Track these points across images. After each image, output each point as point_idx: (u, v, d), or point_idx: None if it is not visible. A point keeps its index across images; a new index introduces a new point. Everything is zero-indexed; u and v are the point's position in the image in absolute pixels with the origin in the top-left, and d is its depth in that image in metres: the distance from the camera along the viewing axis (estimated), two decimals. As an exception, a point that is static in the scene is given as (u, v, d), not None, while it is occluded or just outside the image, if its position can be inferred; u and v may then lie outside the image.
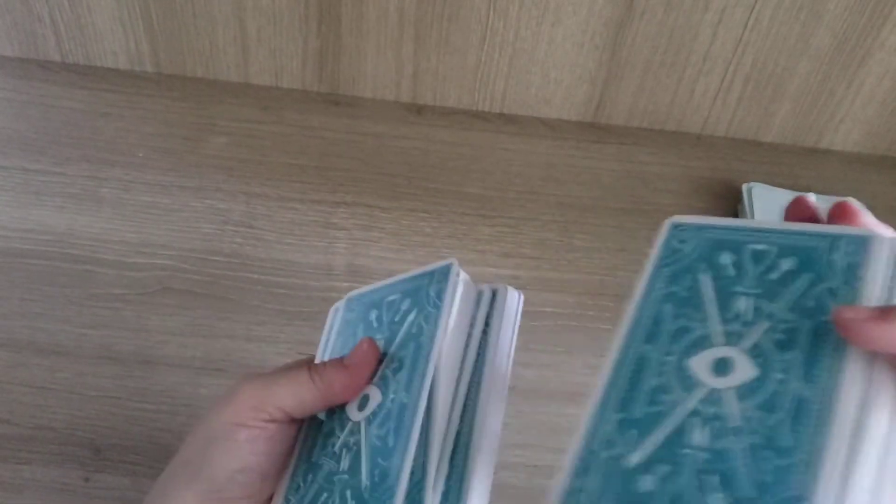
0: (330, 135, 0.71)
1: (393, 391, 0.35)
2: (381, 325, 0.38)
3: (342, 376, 0.35)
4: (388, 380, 0.35)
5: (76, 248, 0.60)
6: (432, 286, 0.37)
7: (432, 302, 0.36)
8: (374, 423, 0.34)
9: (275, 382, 0.35)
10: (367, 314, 0.39)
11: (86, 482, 0.49)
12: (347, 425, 0.35)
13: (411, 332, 0.36)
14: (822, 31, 0.67)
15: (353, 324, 0.40)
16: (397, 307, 0.38)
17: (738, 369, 0.29)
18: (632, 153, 0.73)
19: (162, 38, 0.70)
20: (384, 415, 0.34)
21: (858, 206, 0.33)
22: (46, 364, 0.54)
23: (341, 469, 0.34)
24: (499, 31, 0.68)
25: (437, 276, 0.37)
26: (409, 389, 0.34)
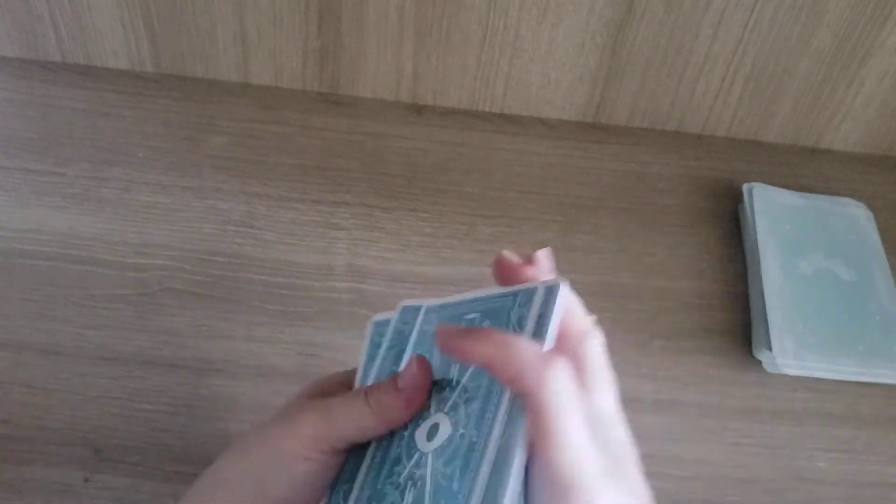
0: (330, 135, 0.71)
1: (463, 425, 0.32)
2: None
3: (397, 401, 0.34)
4: (460, 411, 0.33)
5: (76, 248, 0.60)
6: (514, 310, 0.34)
7: (512, 327, 0.33)
8: (441, 459, 0.32)
9: (334, 413, 0.34)
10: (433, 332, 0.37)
11: (86, 482, 0.49)
12: (415, 455, 0.33)
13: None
14: (822, 30, 0.67)
15: (430, 337, 0.37)
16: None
17: (441, 431, 0.33)
18: (632, 153, 0.73)
19: (162, 38, 0.70)
20: (452, 450, 0.32)
21: (512, 256, 0.37)
22: (46, 364, 0.54)
23: (405, 503, 0.33)
24: (499, 31, 0.68)
25: (521, 300, 0.34)
26: (480, 427, 0.31)
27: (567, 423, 0.29)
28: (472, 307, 0.36)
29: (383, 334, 0.40)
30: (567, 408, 0.29)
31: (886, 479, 0.56)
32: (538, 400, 0.29)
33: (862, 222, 0.68)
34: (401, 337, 0.39)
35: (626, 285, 0.64)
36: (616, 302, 0.63)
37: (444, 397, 0.34)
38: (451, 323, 0.36)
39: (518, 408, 0.30)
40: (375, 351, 0.40)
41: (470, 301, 0.36)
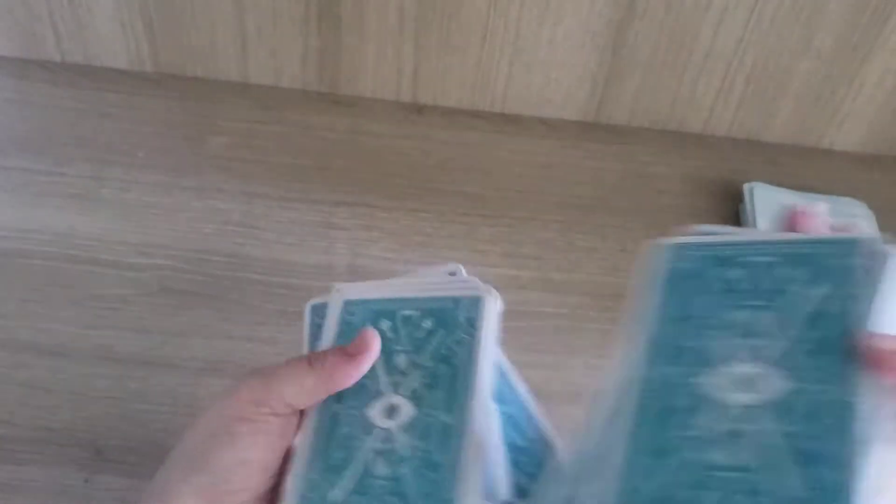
0: (330, 135, 0.71)
1: (429, 406, 0.36)
2: (399, 337, 0.38)
3: (343, 362, 0.36)
4: (421, 395, 0.36)
5: (76, 248, 0.60)
6: (461, 313, 0.38)
7: (464, 328, 0.37)
8: (412, 434, 0.35)
9: (274, 374, 0.36)
10: (375, 322, 0.39)
11: (86, 483, 0.49)
12: (375, 432, 0.36)
13: (441, 353, 0.37)
14: (823, 30, 0.67)
15: (355, 328, 0.40)
16: (417, 324, 0.38)
17: (402, 411, 0.36)
18: (633, 153, 0.73)
19: (162, 38, 0.70)
20: (423, 428, 0.35)
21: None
22: (46, 364, 0.54)
23: (377, 474, 0.35)
24: (499, 30, 0.68)
25: (467, 304, 0.38)
26: (451, 411, 0.35)
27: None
28: (410, 305, 0.39)
29: (324, 315, 0.42)
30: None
31: (887, 479, 0.55)
32: None
33: (862, 222, 0.68)
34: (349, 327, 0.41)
35: (626, 285, 0.64)
36: (616, 302, 0.62)
37: (396, 381, 0.37)
38: (384, 315, 0.39)
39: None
40: (323, 336, 0.42)
41: (406, 300, 0.39)
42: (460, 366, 0.36)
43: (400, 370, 0.38)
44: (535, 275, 0.63)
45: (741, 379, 0.29)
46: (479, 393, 0.35)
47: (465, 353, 0.37)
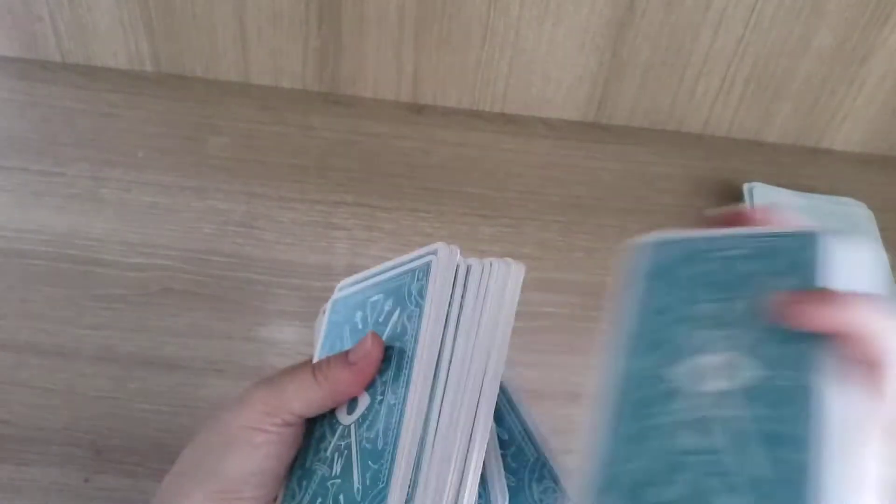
0: (330, 135, 0.71)
1: (380, 393, 0.35)
2: (366, 326, 0.38)
3: (346, 373, 0.35)
4: (376, 382, 0.35)
5: (76, 248, 0.60)
6: (414, 284, 0.37)
7: (414, 300, 0.36)
8: (363, 427, 0.35)
9: (282, 387, 0.35)
10: (352, 316, 0.39)
11: (86, 483, 0.49)
12: (338, 429, 0.36)
13: (395, 332, 0.36)
14: (823, 30, 0.67)
15: (339, 326, 0.40)
16: (381, 308, 0.38)
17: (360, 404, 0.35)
18: (633, 153, 0.73)
19: (162, 38, 0.70)
20: (372, 417, 0.34)
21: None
22: (47, 364, 0.54)
23: (334, 474, 0.34)
24: (499, 30, 0.68)
25: (419, 274, 0.37)
26: (396, 390, 0.34)
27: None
28: (377, 290, 0.38)
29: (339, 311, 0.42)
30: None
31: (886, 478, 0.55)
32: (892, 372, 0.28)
33: (862, 222, 0.68)
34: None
35: (626, 285, 0.64)
36: (616, 302, 0.62)
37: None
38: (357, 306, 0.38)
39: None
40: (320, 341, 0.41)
41: (375, 285, 0.39)
42: (408, 341, 0.35)
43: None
44: (535, 275, 0.63)
45: (714, 368, 0.30)
46: (423, 366, 0.33)
47: (414, 326, 0.35)
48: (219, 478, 0.34)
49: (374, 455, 0.33)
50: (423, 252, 0.37)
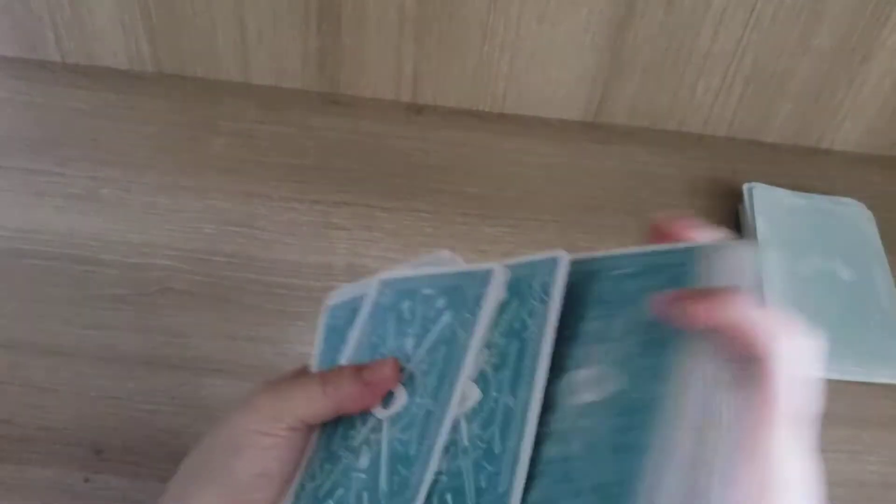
0: (330, 135, 0.71)
1: (419, 395, 0.34)
2: (415, 318, 0.37)
3: (356, 391, 0.35)
4: (416, 381, 0.34)
5: (76, 248, 0.60)
6: (471, 289, 0.35)
7: (469, 307, 0.35)
8: (397, 426, 0.34)
9: (290, 393, 0.35)
10: (399, 303, 0.38)
11: (86, 482, 0.49)
12: (370, 421, 0.35)
13: (444, 335, 0.35)
14: (823, 30, 0.67)
15: (384, 310, 0.38)
16: (432, 303, 0.37)
17: (397, 400, 0.34)
18: (632, 153, 0.73)
19: (162, 38, 0.70)
20: (409, 419, 0.34)
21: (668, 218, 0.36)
22: (47, 364, 0.54)
23: (359, 466, 0.34)
24: (499, 30, 0.68)
25: (478, 280, 0.35)
26: (437, 398, 0.33)
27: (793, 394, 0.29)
28: (429, 284, 0.37)
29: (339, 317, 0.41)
30: (795, 377, 0.29)
31: (887, 478, 0.55)
32: (777, 366, 0.28)
33: (862, 222, 0.68)
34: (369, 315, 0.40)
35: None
36: (616, 302, 0.62)
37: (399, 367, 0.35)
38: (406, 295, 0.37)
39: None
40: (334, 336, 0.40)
41: (427, 276, 0.37)
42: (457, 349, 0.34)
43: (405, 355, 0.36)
44: (534, 275, 0.63)
45: (586, 381, 0.32)
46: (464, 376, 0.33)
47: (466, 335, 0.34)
48: (227, 479, 0.34)
49: (406, 461, 0.33)
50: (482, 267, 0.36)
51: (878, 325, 0.61)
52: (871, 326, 0.61)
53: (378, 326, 0.38)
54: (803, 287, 0.62)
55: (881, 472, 0.56)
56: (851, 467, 0.56)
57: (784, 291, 0.62)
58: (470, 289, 0.35)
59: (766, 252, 0.64)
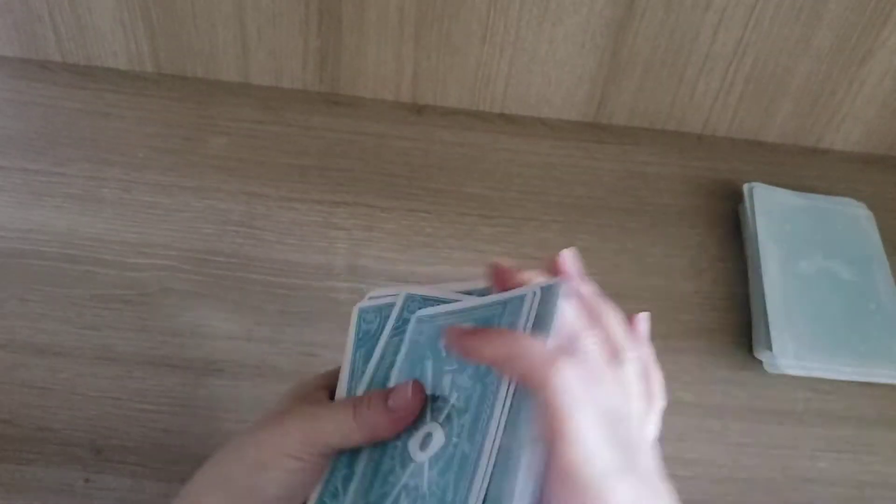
0: (330, 135, 0.71)
1: (456, 435, 0.32)
2: (451, 355, 0.35)
3: (384, 419, 0.35)
4: (453, 421, 0.33)
5: (76, 248, 0.60)
6: (504, 319, 0.34)
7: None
8: (434, 469, 0.33)
9: (322, 420, 0.36)
10: (436, 341, 0.37)
11: (86, 482, 0.49)
12: (409, 466, 0.34)
13: (479, 371, 0.34)
14: (822, 30, 0.67)
15: (421, 348, 0.37)
16: None
17: (434, 441, 0.33)
18: (632, 153, 0.73)
19: (162, 38, 0.70)
20: (446, 461, 0.32)
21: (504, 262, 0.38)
22: (47, 364, 0.54)
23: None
24: (499, 30, 0.68)
25: (510, 308, 0.34)
26: (472, 440, 0.31)
27: (578, 419, 0.29)
28: (464, 317, 0.36)
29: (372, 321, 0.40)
30: (577, 404, 0.29)
31: (887, 479, 0.55)
32: (548, 397, 0.29)
33: (862, 222, 0.68)
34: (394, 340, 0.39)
35: (626, 285, 0.64)
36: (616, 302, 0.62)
37: (438, 407, 0.34)
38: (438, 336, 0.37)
39: (518, 413, 0.31)
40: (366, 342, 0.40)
41: (461, 311, 0.37)
42: (490, 384, 0.32)
43: (443, 394, 0.34)
44: (534, 275, 0.63)
45: (423, 438, 0.34)
46: (501, 415, 0.31)
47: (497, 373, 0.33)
48: (251, 496, 0.34)
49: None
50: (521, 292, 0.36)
51: (878, 325, 0.61)
52: (871, 326, 0.61)
53: (415, 366, 0.37)
54: (803, 286, 0.62)
55: (881, 472, 0.56)
56: (851, 467, 0.56)
57: (784, 291, 0.62)
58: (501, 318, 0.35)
59: (766, 252, 0.64)
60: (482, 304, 0.36)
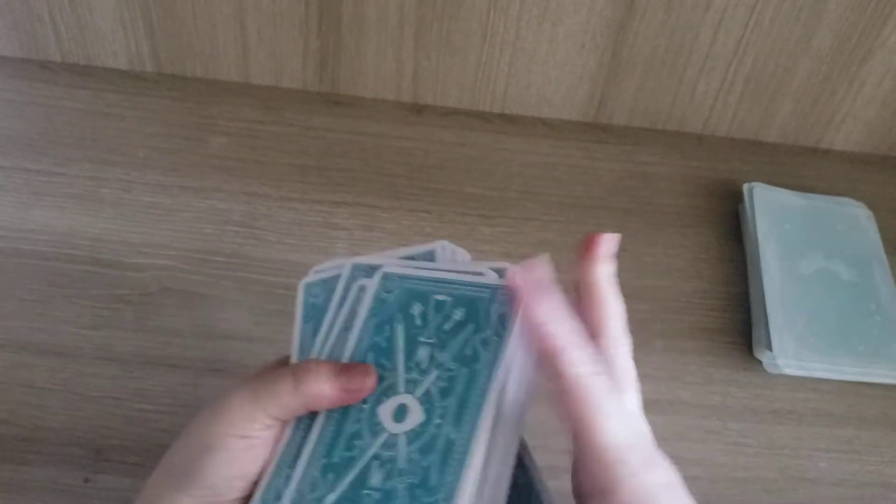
0: (330, 135, 0.71)
1: (439, 416, 0.32)
2: (427, 326, 0.35)
3: (329, 391, 0.34)
4: (434, 400, 0.33)
5: (76, 248, 0.60)
6: (494, 305, 0.34)
7: (493, 326, 0.34)
8: (414, 445, 0.32)
9: (259, 392, 0.34)
10: (408, 304, 0.35)
11: (86, 483, 0.49)
12: (381, 435, 0.33)
13: (465, 353, 0.33)
14: (822, 30, 0.67)
15: (389, 308, 0.36)
16: (448, 313, 0.35)
17: (411, 415, 0.33)
18: (632, 153, 0.73)
19: (162, 38, 0.70)
20: (427, 440, 0.32)
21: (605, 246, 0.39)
22: (46, 364, 0.54)
23: (372, 485, 0.32)
24: (499, 30, 0.68)
25: (500, 297, 0.34)
26: (459, 426, 0.32)
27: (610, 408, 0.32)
28: (441, 288, 0.35)
29: (318, 295, 0.39)
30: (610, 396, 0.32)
31: (887, 479, 0.55)
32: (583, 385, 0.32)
33: (862, 222, 0.68)
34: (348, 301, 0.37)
35: (626, 285, 0.64)
36: (616, 302, 0.63)
37: (413, 379, 0.34)
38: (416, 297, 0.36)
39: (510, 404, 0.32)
40: (314, 315, 0.38)
41: (438, 280, 0.36)
42: (479, 371, 0.33)
43: (419, 367, 0.34)
44: (534, 275, 0.63)
45: (395, 408, 0.33)
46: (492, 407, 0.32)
47: (489, 357, 0.33)
48: (202, 482, 0.33)
49: (427, 489, 0.31)
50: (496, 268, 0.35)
51: (878, 325, 0.61)
52: (871, 326, 0.61)
53: (383, 327, 0.36)
54: (803, 287, 0.62)
55: (881, 472, 0.56)
56: (851, 467, 0.56)
57: (784, 291, 0.62)
58: (492, 305, 0.34)
59: (766, 252, 0.64)
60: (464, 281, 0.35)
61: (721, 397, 0.58)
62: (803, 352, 0.59)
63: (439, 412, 0.32)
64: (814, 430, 0.57)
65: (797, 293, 0.62)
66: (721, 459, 0.55)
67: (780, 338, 0.59)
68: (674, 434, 0.56)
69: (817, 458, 0.56)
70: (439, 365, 0.34)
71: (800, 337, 0.59)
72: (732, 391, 0.59)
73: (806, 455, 0.56)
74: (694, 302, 0.63)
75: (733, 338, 0.62)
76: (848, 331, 0.61)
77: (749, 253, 0.66)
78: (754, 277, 0.64)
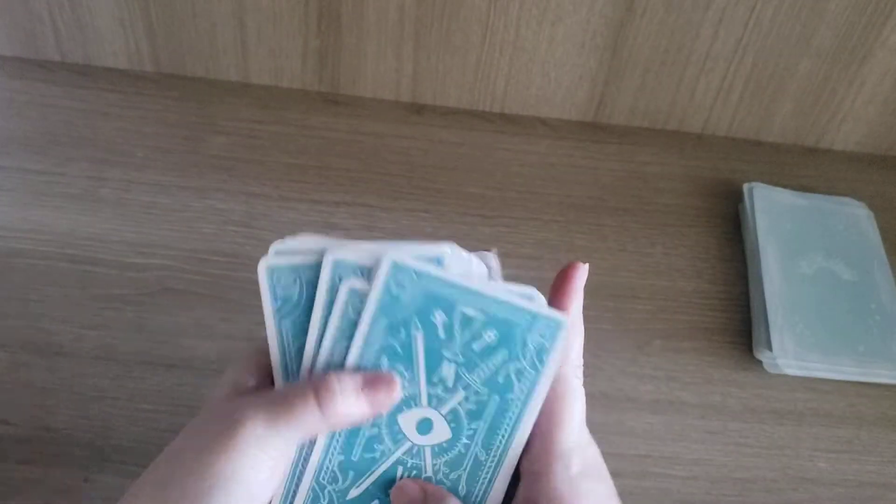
0: (330, 134, 0.71)
1: (467, 437, 0.33)
2: (452, 341, 0.33)
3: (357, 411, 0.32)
4: (461, 420, 0.33)
5: (76, 248, 0.60)
6: (532, 335, 0.32)
7: (530, 359, 0.32)
8: (440, 460, 0.33)
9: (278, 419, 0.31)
10: (427, 310, 0.32)
11: (86, 483, 0.49)
12: (403, 443, 0.34)
13: (497, 381, 0.33)
14: (823, 30, 0.67)
15: (404, 309, 0.33)
16: (479, 332, 0.32)
17: (436, 430, 0.34)
18: (632, 153, 0.73)
19: (162, 38, 0.70)
20: (455, 457, 0.33)
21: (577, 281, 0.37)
22: (46, 364, 0.54)
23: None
24: (499, 30, 0.68)
25: (542, 327, 0.32)
26: (488, 450, 0.34)
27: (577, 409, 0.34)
28: (469, 299, 0.32)
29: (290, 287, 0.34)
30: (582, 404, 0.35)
31: (886, 479, 0.55)
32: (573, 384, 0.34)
33: (862, 222, 0.68)
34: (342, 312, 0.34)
35: (626, 285, 0.64)
36: (616, 302, 0.63)
37: (438, 395, 0.33)
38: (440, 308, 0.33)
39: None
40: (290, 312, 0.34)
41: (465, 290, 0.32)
42: (513, 402, 0.33)
43: (444, 384, 0.33)
44: (534, 275, 0.63)
45: (418, 421, 0.34)
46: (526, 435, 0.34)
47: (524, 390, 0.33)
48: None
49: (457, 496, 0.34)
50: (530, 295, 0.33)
51: (878, 325, 0.61)
52: (871, 326, 0.61)
53: (397, 329, 0.33)
54: (803, 286, 0.62)
55: (881, 472, 0.56)
56: (851, 467, 0.56)
57: (784, 291, 0.62)
58: (530, 333, 0.32)
59: (767, 252, 0.64)
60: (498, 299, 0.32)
61: (721, 397, 0.58)
62: (803, 352, 0.59)
63: (468, 433, 0.34)
64: (814, 430, 0.57)
65: (797, 293, 0.62)
66: (721, 459, 0.55)
67: (780, 338, 0.59)
68: (674, 434, 0.56)
69: (817, 458, 0.56)
70: (467, 386, 0.33)
71: (800, 337, 0.59)
72: (732, 391, 0.59)
73: (806, 455, 0.56)
74: (694, 302, 0.63)
75: (733, 338, 0.62)
76: (848, 331, 0.61)
77: (749, 253, 0.66)
78: (754, 277, 0.64)
